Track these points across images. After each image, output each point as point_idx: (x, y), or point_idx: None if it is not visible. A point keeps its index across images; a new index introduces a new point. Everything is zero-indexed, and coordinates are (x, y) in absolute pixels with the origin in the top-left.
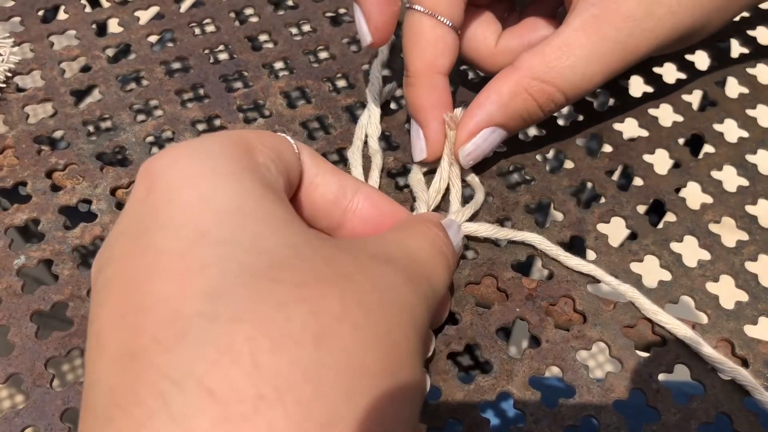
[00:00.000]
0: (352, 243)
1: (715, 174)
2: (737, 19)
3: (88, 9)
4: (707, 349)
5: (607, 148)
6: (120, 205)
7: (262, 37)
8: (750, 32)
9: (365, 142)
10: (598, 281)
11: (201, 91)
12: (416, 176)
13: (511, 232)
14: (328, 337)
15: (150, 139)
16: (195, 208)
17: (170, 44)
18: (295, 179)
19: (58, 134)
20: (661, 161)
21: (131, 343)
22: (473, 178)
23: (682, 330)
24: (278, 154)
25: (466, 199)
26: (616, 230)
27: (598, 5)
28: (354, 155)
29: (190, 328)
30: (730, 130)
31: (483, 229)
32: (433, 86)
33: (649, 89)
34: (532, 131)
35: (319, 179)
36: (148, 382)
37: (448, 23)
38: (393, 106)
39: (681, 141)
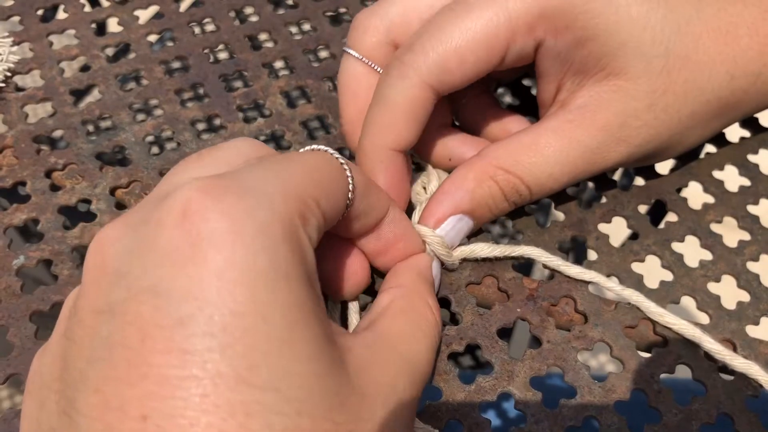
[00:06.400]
0: (367, 384)
1: (717, 174)
2: None
3: (87, 8)
4: (715, 346)
5: None
6: (119, 205)
7: (262, 37)
8: None
9: None
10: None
11: (201, 91)
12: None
13: (509, 248)
14: None
15: (150, 138)
16: (247, 323)
17: (170, 43)
18: (338, 217)
19: (57, 134)
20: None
21: None
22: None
23: (690, 330)
24: (330, 206)
25: None
26: (617, 230)
27: (575, 112)
28: None
29: None
30: (732, 130)
31: (479, 249)
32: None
33: None
34: None
35: (360, 215)
36: None
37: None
38: None
39: None
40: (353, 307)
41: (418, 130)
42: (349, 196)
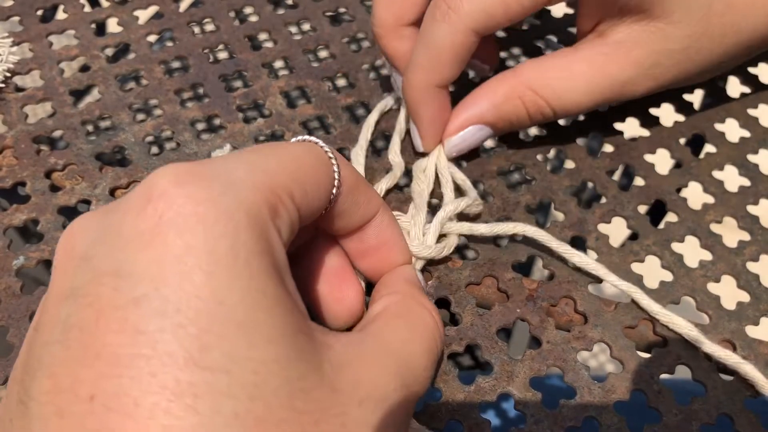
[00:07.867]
0: (346, 380)
1: (717, 174)
2: None
3: (87, 8)
4: (711, 346)
5: (608, 148)
6: None
7: (262, 37)
8: None
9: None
10: (600, 281)
11: (200, 91)
12: (418, 188)
13: (504, 226)
14: None
15: (149, 138)
16: (202, 305)
17: (169, 44)
18: (318, 212)
19: (57, 134)
20: (662, 161)
21: None
22: (465, 182)
23: (686, 328)
24: (307, 200)
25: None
26: (617, 230)
27: (611, 46)
28: (358, 156)
29: None
30: (732, 130)
31: (476, 228)
32: (401, 36)
33: None
34: (533, 131)
35: (344, 213)
36: None
37: None
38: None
39: (682, 141)
40: None
41: (460, 69)
42: (334, 191)
